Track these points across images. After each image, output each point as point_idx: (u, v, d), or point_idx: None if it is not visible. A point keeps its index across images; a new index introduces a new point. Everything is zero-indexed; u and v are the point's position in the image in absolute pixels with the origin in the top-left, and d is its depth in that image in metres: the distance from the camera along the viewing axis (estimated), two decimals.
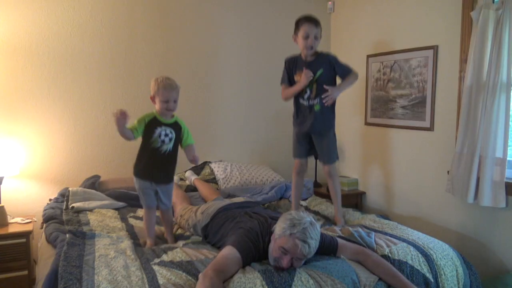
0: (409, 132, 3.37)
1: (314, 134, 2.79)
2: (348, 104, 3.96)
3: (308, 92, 2.70)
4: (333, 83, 2.73)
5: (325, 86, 2.66)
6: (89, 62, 3.38)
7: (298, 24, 2.67)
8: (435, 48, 3.10)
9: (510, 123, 2.63)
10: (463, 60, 2.87)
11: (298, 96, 2.76)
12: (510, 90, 2.57)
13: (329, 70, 2.69)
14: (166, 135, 2.33)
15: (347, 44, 4.04)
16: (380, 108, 3.65)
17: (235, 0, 3.86)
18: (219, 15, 3.81)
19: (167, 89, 2.29)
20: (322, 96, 2.65)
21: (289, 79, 2.80)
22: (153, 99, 2.34)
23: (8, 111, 3.17)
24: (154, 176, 2.38)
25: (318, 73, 2.66)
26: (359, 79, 3.80)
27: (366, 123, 3.83)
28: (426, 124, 3.21)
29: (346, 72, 2.71)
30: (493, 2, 2.65)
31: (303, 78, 2.65)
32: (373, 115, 3.74)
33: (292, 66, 2.77)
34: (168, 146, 2.35)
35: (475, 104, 2.69)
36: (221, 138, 3.94)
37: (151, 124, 2.32)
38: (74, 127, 3.38)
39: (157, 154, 2.34)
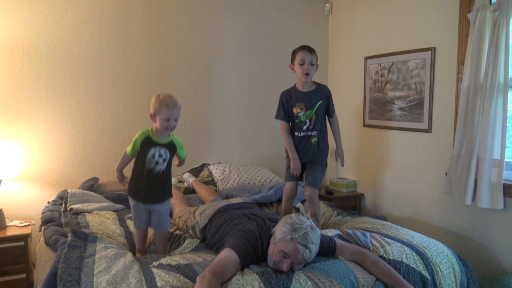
0: (407, 133, 3.38)
1: (308, 162, 2.80)
2: (346, 106, 3.97)
3: (308, 123, 2.72)
4: (325, 115, 2.79)
5: (336, 157, 2.88)
6: (87, 64, 3.39)
7: (294, 53, 2.74)
8: (432, 50, 3.11)
9: (508, 124, 2.64)
10: (461, 62, 2.88)
11: (295, 130, 2.77)
12: (508, 91, 2.58)
13: (326, 102, 2.75)
14: (160, 155, 2.24)
15: (345, 46, 4.05)
16: (378, 110, 3.66)
17: (234, 3, 3.87)
18: (218, 15, 3.82)
19: (170, 108, 2.18)
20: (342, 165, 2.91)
21: (287, 113, 2.80)
22: (152, 116, 2.22)
23: (6, 113, 3.17)
24: (147, 197, 2.30)
25: (318, 104, 2.71)
26: (358, 81, 3.86)
27: (364, 125, 3.83)
28: (424, 125, 3.21)
29: (332, 111, 2.80)
30: (490, 3, 2.67)
31: (292, 165, 2.73)
32: (371, 117, 3.75)
33: (288, 99, 2.78)
34: (162, 166, 2.27)
35: (472, 106, 2.69)
36: (220, 140, 3.95)
37: (145, 145, 2.24)
38: (72, 130, 3.38)
39: (150, 174, 2.25)
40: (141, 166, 2.26)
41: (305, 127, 2.73)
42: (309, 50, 2.69)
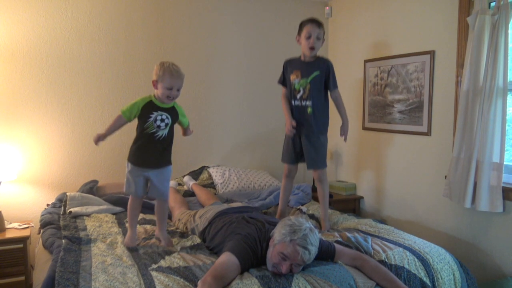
0: (407, 136, 3.38)
1: (305, 136, 2.78)
2: (346, 108, 3.96)
3: (302, 91, 2.72)
4: (324, 88, 2.77)
5: (341, 132, 2.83)
6: (87, 66, 3.39)
7: (301, 25, 2.74)
8: (432, 53, 3.12)
9: (507, 127, 2.64)
10: (460, 65, 2.88)
11: (291, 98, 2.78)
12: (507, 94, 2.58)
13: (324, 75, 2.73)
14: (162, 120, 2.24)
15: (345, 49, 4.06)
16: (377, 113, 3.66)
17: (233, 5, 3.87)
18: (218, 19, 3.82)
19: (174, 76, 2.17)
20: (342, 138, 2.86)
21: (284, 79, 2.86)
22: (155, 84, 2.22)
23: (5, 115, 3.17)
24: (146, 161, 2.28)
25: (314, 74, 2.69)
26: (357, 84, 3.86)
27: (364, 128, 3.83)
28: (424, 128, 3.22)
29: (333, 86, 2.76)
30: (489, 7, 2.67)
31: (287, 125, 2.73)
32: (371, 120, 3.75)
33: (288, 66, 2.83)
34: (164, 131, 2.26)
35: (472, 109, 2.70)
36: (220, 142, 3.95)
37: (147, 108, 2.23)
38: (72, 132, 3.38)
39: (151, 139, 2.24)
40: (142, 130, 2.25)
41: (298, 96, 2.74)
42: (317, 23, 2.68)
